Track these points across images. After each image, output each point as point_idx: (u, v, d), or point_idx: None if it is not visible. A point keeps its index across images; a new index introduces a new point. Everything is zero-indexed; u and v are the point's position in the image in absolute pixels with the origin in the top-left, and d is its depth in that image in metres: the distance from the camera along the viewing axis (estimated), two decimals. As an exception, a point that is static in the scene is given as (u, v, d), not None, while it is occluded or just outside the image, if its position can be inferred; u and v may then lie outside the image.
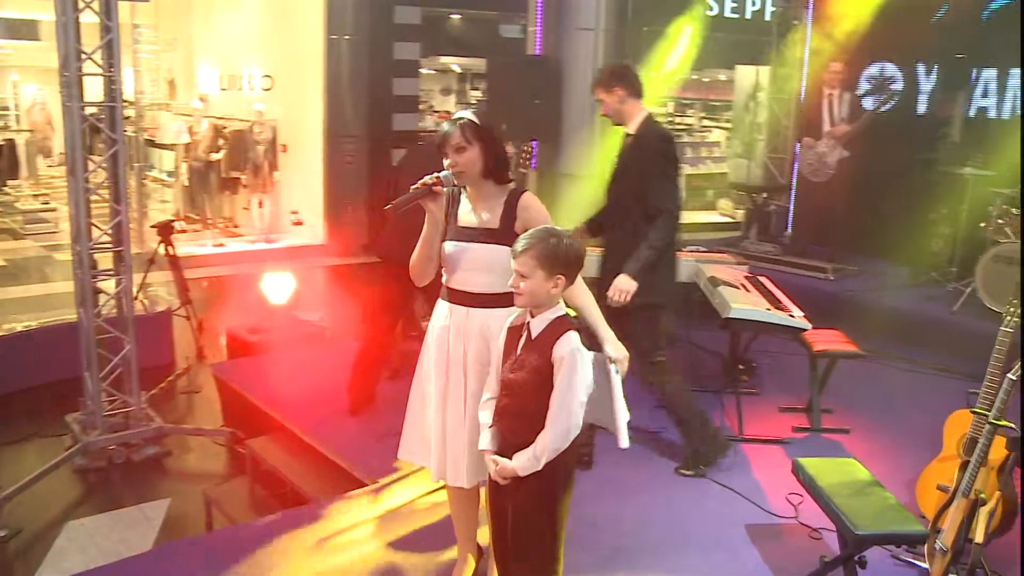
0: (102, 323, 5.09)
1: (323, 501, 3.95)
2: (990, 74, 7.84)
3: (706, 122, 16.06)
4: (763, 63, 9.82)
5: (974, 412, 3.36)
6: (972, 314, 6.29)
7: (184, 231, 11.04)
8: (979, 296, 6.31)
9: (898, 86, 8.09)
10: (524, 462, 2.56)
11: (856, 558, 3.11)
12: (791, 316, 4.54)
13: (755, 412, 4.98)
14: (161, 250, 6.55)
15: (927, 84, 8.10)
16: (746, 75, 10.70)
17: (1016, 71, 7.62)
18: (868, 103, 7.95)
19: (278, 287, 6.02)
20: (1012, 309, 3.42)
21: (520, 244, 2.53)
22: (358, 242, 10.82)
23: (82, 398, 5.32)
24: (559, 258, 2.52)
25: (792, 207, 9.16)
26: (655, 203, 3.88)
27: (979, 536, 3.13)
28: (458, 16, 13.02)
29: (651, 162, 3.94)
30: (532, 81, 7.59)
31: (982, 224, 6.62)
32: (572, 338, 2.54)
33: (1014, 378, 3.23)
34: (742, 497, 4.05)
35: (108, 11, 4.83)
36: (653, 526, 3.77)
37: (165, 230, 6.56)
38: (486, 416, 2.72)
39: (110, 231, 5.07)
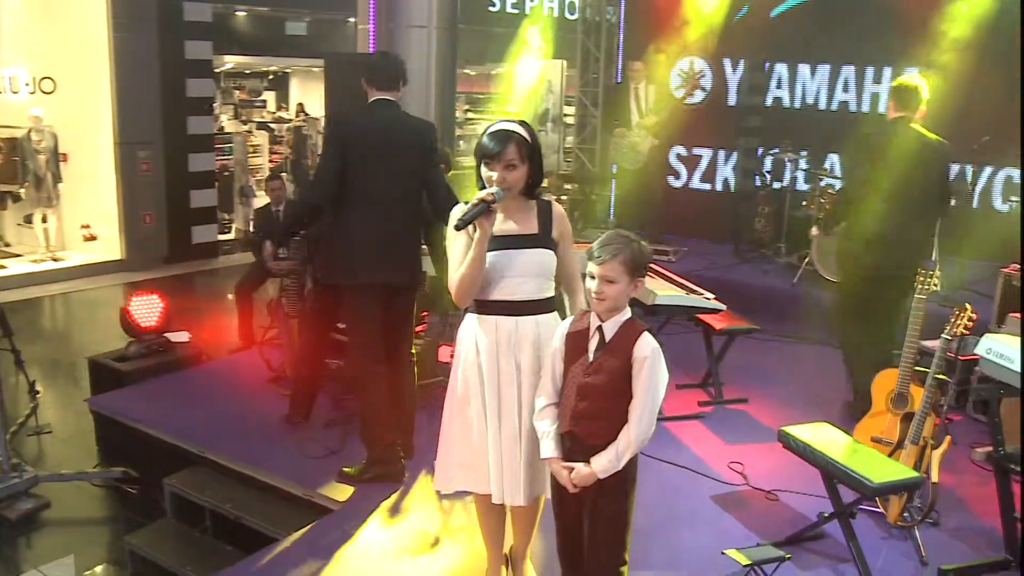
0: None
1: (318, 528, 3.70)
2: (782, 67, 8.80)
3: (471, 115, 16.53)
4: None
5: (918, 371, 3.84)
6: (813, 285, 7.04)
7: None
8: (815, 268, 7.08)
9: (707, 81, 8.81)
10: (605, 463, 2.59)
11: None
12: (707, 299, 4.87)
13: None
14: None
15: (734, 78, 8.92)
16: (539, 70, 11.12)
17: (803, 66, 8.63)
18: (679, 95, 8.60)
19: (144, 309, 5.47)
20: (922, 279, 3.92)
21: (606, 250, 2.54)
22: (159, 254, 10.03)
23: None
24: (641, 263, 2.57)
25: (613, 195, 9.69)
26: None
27: (935, 476, 3.60)
28: (243, 13, 12.33)
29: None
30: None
31: (804, 203, 7.43)
32: (650, 338, 2.60)
33: (949, 338, 3.73)
34: (696, 473, 4.30)
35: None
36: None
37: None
38: (546, 424, 2.70)
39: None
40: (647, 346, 2.58)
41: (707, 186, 9.34)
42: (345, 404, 4.93)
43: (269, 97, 18.67)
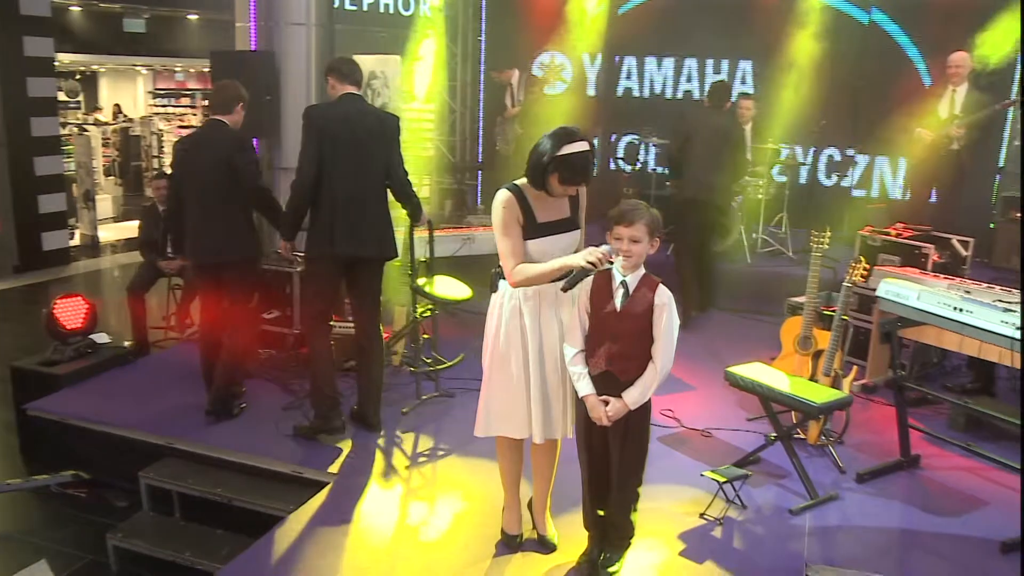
0: None
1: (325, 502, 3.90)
2: (631, 60, 9.62)
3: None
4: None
5: (825, 314, 4.58)
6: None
7: None
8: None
9: (568, 73, 9.47)
10: (636, 395, 3.07)
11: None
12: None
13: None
14: None
15: (592, 71, 9.63)
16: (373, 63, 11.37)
17: (650, 59, 9.48)
18: (548, 89, 9.22)
19: (69, 311, 5.33)
20: (816, 239, 4.68)
21: (633, 215, 3.00)
22: (9, 263, 9.45)
23: None
24: (657, 225, 3.06)
25: (480, 183, 10.16)
26: None
27: (846, 389, 4.34)
28: (79, 9, 11.70)
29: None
30: (257, 77, 7.44)
31: (667, 183, 8.21)
32: (665, 288, 3.10)
33: (849, 284, 4.49)
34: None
35: None
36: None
37: None
38: (579, 367, 3.14)
39: None
40: (664, 295, 3.07)
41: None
42: (293, 389, 5.12)
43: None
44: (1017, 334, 3.64)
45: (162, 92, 19.94)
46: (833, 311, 4.67)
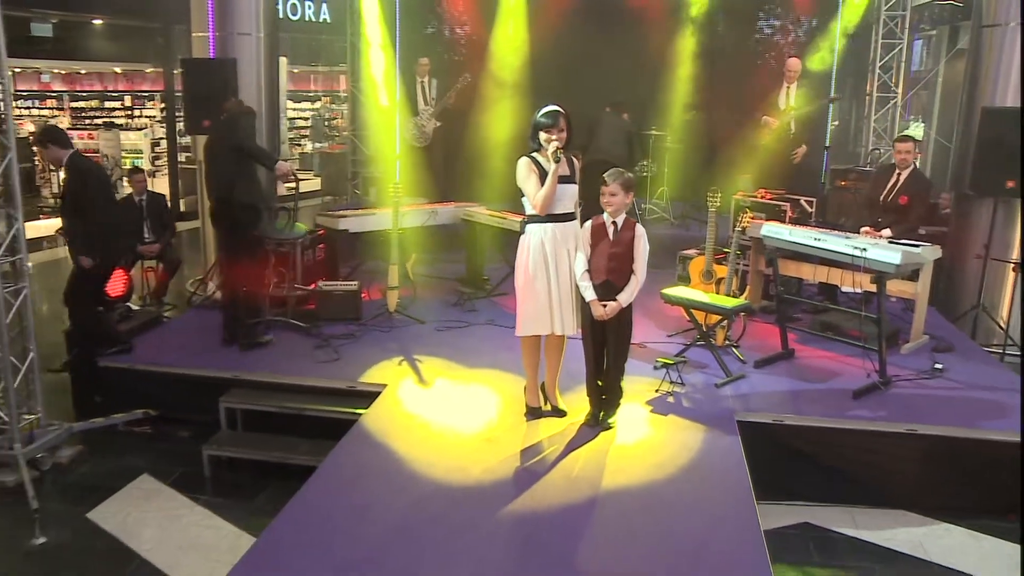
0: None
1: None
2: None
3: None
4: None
5: (719, 257, 6.27)
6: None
7: None
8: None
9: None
10: (627, 296, 4.61)
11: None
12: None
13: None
14: None
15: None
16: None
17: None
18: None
19: (113, 282, 6.33)
20: (711, 197, 6.36)
21: (611, 176, 4.53)
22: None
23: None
24: (631, 184, 4.60)
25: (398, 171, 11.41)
26: None
27: (750, 298, 6.04)
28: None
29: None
30: (221, 82, 8.39)
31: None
32: (640, 225, 4.64)
33: (739, 229, 6.19)
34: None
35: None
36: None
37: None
38: (586, 280, 4.63)
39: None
40: (639, 229, 4.64)
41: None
42: (315, 334, 6.36)
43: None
44: (856, 252, 5.43)
45: (24, 93, 19.66)
46: (726, 251, 6.38)
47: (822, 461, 4.99)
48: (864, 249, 5.48)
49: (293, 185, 6.30)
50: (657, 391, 5.36)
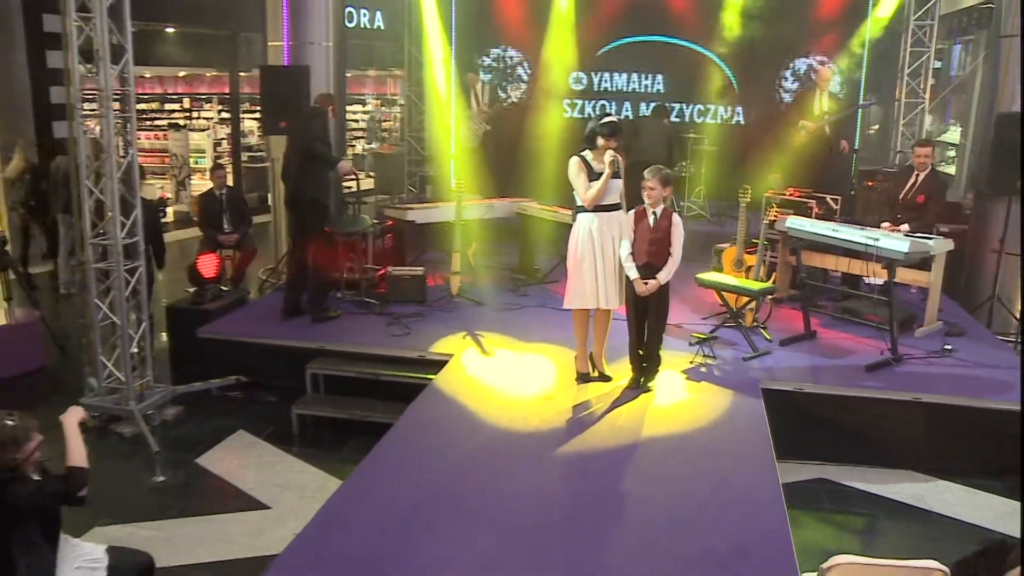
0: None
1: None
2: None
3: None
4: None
5: (749, 250, 6.94)
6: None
7: None
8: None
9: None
10: (664, 275, 5.32)
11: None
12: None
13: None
14: None
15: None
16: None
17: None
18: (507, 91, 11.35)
19: (207, 265, 7.16)
20: (742, 194, 7.02)
21: (650, 172, 5.25)
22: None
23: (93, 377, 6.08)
24: (669, 179, 5.32)
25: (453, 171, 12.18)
26: None
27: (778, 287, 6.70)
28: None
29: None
30: (295, 87, 9.15)
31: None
32: (677, 215, 5.35)
33: (767, 222, 6.86)
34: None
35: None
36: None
37: None
38: (630, 261, 5.34)
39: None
40: (676, 218, 5.36)
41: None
42: (387, 313, 7.13)
43: None
44: (870, 241, 6.08)
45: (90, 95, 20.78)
46: (756, 242, 7.04)
47: (837, 425, 5.64)
48: (876, 239, 6.12)
49: (354, 181, 7.13)
50: (691, 362, 6.05)
